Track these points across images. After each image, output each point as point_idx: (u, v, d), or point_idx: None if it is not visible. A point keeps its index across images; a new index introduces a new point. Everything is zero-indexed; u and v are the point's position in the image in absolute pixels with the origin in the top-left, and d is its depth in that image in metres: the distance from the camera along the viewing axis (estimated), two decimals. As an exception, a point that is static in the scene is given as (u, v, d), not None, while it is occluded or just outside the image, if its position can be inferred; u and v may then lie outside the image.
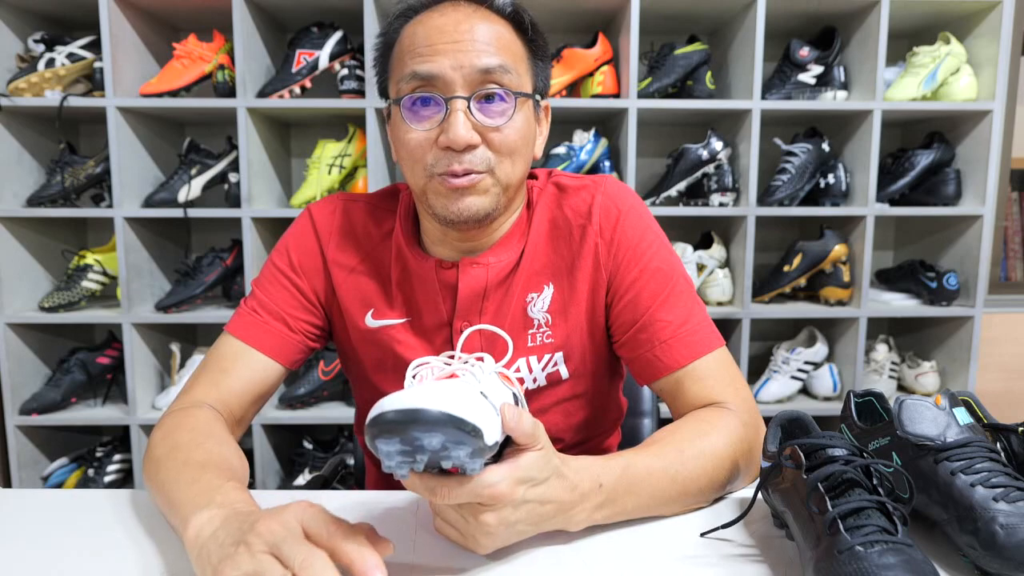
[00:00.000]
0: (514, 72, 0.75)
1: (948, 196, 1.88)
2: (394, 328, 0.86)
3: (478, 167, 0.74)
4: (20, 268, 1.84)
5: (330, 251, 0.87)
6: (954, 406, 0.65)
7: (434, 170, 0.75)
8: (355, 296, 0.87)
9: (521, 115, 0.76)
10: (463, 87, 0.73)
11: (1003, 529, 0.55)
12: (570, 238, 0.84)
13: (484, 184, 0.75)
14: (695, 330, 0.81)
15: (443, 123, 0.73)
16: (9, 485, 1.87)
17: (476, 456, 0.52)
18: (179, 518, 0.61)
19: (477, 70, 0.73)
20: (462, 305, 0.83)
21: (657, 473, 0.68)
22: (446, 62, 0.72)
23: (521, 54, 0.78)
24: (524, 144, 0.78)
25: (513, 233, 0.85)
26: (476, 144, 0.74)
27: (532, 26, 0.79)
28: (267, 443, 1.86)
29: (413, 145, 0.75)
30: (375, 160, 1.77)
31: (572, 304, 0.85)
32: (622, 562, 0.62)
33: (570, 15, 1.87)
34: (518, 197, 0.84)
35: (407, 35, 0.76)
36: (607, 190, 0.85)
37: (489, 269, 0.83)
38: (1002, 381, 2.21)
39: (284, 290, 0.86)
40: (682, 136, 2.03)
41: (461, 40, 0.73)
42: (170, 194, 1.81)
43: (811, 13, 1.87)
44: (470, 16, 0.75)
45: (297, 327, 0.86)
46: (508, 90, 0.74)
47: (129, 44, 1.79)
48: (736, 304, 1.90)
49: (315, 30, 1.82)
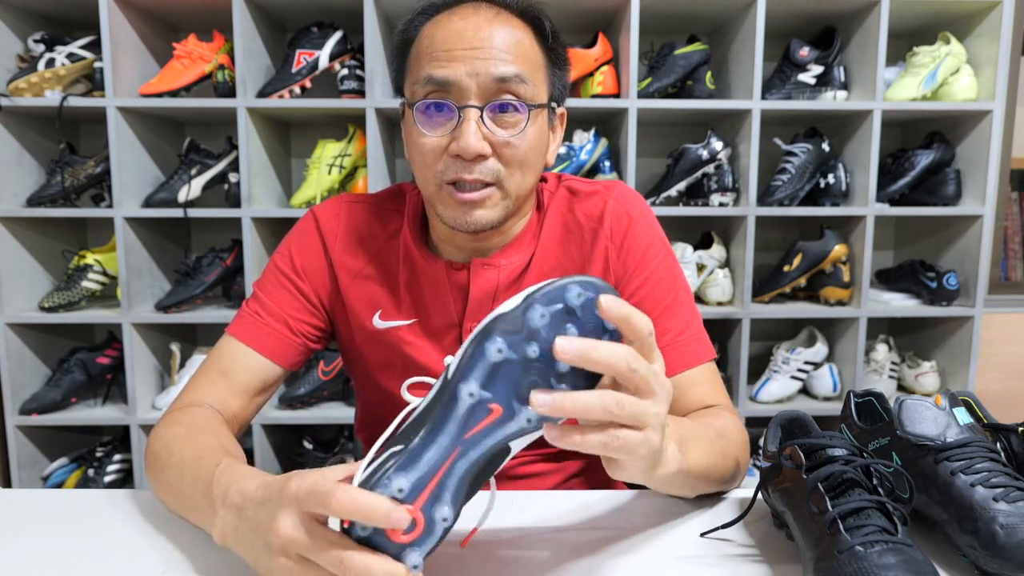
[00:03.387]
0: (530, 82, 0.74)
1: (948, 196, 1.88)
2: (402, 329, 0.86)
3: (487, 178, 0.74)
4: (20, 268, 1.84)
5: (335, 253, 0.87)
6: (954, 406, 0.65)
7: (443, 178, 0.75)
8: (362, 298, 0.87)
9: (534, 127, 0.76)
10: (477, 96, 0.73)
11: (1003, 529, 0.55)
12: (581, 241, 0.85)
13: (493, 199, 0.76)
14: (691, 340, 0.84)
15: (455, 131, 0.73)
16: (9, 485, 1.87)
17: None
18: (200, 518, 0.63)
19: (493, 79, 0.72)
20: (473, 306, 0.83)
21: (700, 431, 0.69)
22: (462, 69, 0.72)
23: (539, 62, 0.77)
24: (535, 156, 0.77)
25: (524, 235, 0.85)
26: (487, 155, 0.73)
27: (553, 34, 0.79)
28: (267, 443, 1.86)
29: (425, 151, 0.75)
30: (375, 160, 1.77)
31: None
32: (622, 562, 0.62)
33: (570, 15, 1.87)
34: (527, 203, 0.84)
35: (426, 36, 0.76)
36: (619, 196, 0.86)
37: (501, 271, 0.83)
38: (1002, 381, 2.21)
39: (286, 292, 0.87)
40: (682, 136, 2.03)
41: (479, 47, 0.72)
42: (170, 194, 1.81)
43: (811, 13, 1.87)
44: (491, 21, 0.74)
45: (299, 329, 0.87)
46: (523, 102, 0.74)
47: (129, 44, 1.79)
48: (736, 304, 1.90)
49: (315, 30, 1.82)
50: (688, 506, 0.74)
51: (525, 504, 0.75)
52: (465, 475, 0.48)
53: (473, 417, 0.48)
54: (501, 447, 0.49)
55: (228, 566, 0.61)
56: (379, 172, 1.79)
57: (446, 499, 0.48)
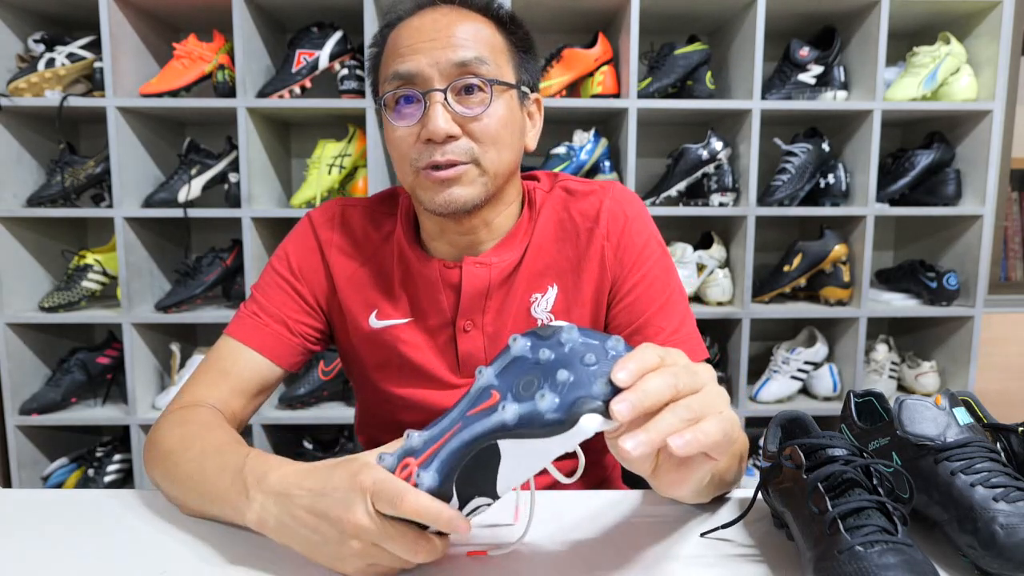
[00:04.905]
0: (492, 63, 0.77)
1: (948, 196, 1.88)
2: (398, 328, 0.86)
3: (461, 158, 0.76)
4: (20, 268, 1.84)
5: (331, 255, 0.88)
6: (954, 406, 0.65)
7: (418, 164, 0.77)
8: (358, 298, 0.88)
9: (501, 103, 0.78)
10: (440, 81, 0.75)
11: (1003, 529, 0.55)
12: (576, 240, 0.86)
13: (469, 175, 0.77)
14: (685, 339, 0.84)
15: (423, 118, 0.75)
16: (9, 485, 1.87)
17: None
18: (223, 507, 0.64)
19: (453, 64, 0.75)
20: (465, 304, 0.84)
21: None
22: (423, 60, 0.75)
23: (501, 47, 0.80)
24: (508, 133, 0.79)
25: (515, 233, 0.86)
26: (456, 135, 0.75)
27: (511, 19, 0.82)
28: (267, 443, 1.86)
29: (399, 142, 0.78)
30: (375, 160, 1.77)
31: (576, 305, 0.86)
32: (622, 562, 0.62)
33: (570, 15, 1.87)
34: (510, 188, 0.84)
35: (391, 40, 0.79)
36: (615, 195, 0.87)
37: (492, 268, 0.83)
38: (1002, 381, 2.21)
39: (284, 294, 0.87)
40: (682, 136, 2.03)
41: (437, 38, 0.75)
42: (170, 194, 1.81)
43: (811, 13, 1.87)
44: (447, 15, 0.77)
45: (297, 330, 0.87)
46: (484, 79, 0.76)
47: (129, 44, 1.79)
48: (736, 304, 1.90)
49: (315, 30, 1.82)
50: (688, 506, 0.74)
51: (525, 504, 0.75)
52: (455, 453, 0.51)
53: (479, 398, 0.52)
54: (489, 443, 0.50)
55: (228, 566, 0.61)
56: (379, 172, 1.79)
57: (435, 466, 0.52)
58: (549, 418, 0.47)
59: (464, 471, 0.51)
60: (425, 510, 0.51)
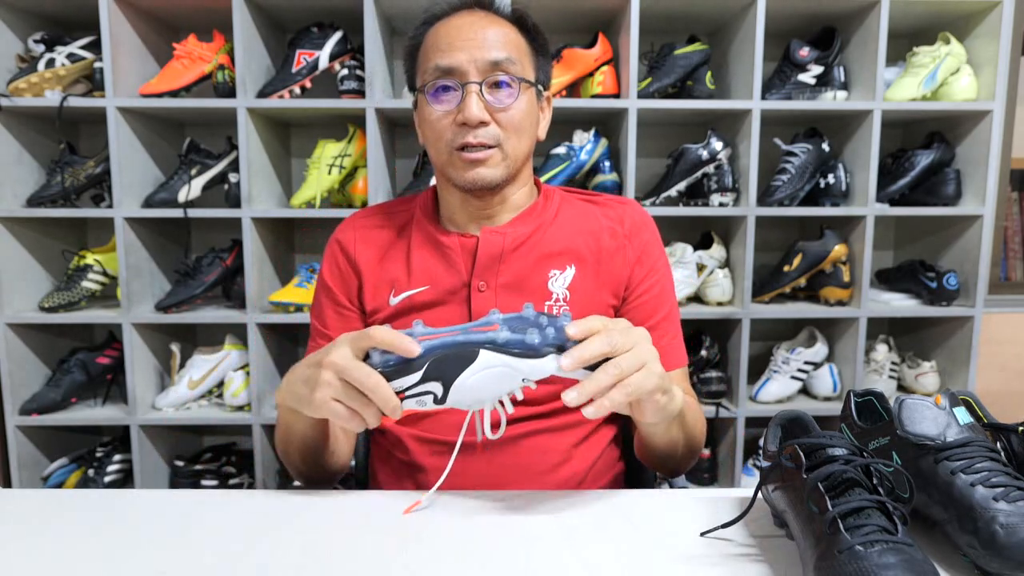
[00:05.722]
0: (519, 64, 0.90)
1: (948, 196, 1.88)
2: (415, 296, 0.96)
3: (489, 141, 0.89)
4: (20, 268, 1.84)
5: (355, 255, 0.99)
6: (954, 406, 0.65)
7: (453, 144, 0.89)
8: (379, 282, 0.98)
9: (525, 98, 0.91)
10: (476, 75, 0.88)
11: (1003, 529, 0.55)
12: (600, 235, 0.97)
13: (495, 159, 0.90)
14: (678, 348, 0.99)
15: (460, 104, 0.88)
16: (9, 485, 1.87)
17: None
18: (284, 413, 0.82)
19: (488, 62, 0.88)
20: (481, 264, 0.93)
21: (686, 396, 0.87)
22: (463, 56, 0.88)
23: (525, 50, 0.94)
24: (528, 123, 0.92)
25: (530, 211, 0.98)
26: (487, 121, 0.88)
27: (534, 28, 0.96)
28: (267, 443, 1.86)
29: (436, 124, 0.90)
30: (375, 160, 1.77)
31: (593, 288, 0.96)
32: (622, 562, 0.62)
33: (570, 15, 1.87)
34: (525, 170, 0.98)
35: (431, 36, 0.92)
36: (636, 209, 1.01)
37: (506, 237, 0.94)
38: (1002, 381, 2.21)
39: (332, 310, 1.00)
40: (682, 136, 2.03)
41: (475, 38, 0.88)
42: (170, 194, 1.81)
43: (811, 13, 1.87)
44: (482, 19, 0.91)
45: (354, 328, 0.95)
46: (513, 76, 0.89)
47: (129, 44, 1.79)
48: (736, 304, 1.90)
49: (315, 30, 1.82)
50: (688, 506, 0.74)
51: (525, 504, 0.75)
52: (444, 344, 0.67)
53: (484, 324, 0.68)
54: (473, 349, 0.66)
55: (228, 567, 0.61)
56: (379, 172, 1.79)
57: (423, 345, 0.67)
58: (528, 342, 0.66)
59: (439, 358, 0.66)
60: (388, 336, 0.67)
